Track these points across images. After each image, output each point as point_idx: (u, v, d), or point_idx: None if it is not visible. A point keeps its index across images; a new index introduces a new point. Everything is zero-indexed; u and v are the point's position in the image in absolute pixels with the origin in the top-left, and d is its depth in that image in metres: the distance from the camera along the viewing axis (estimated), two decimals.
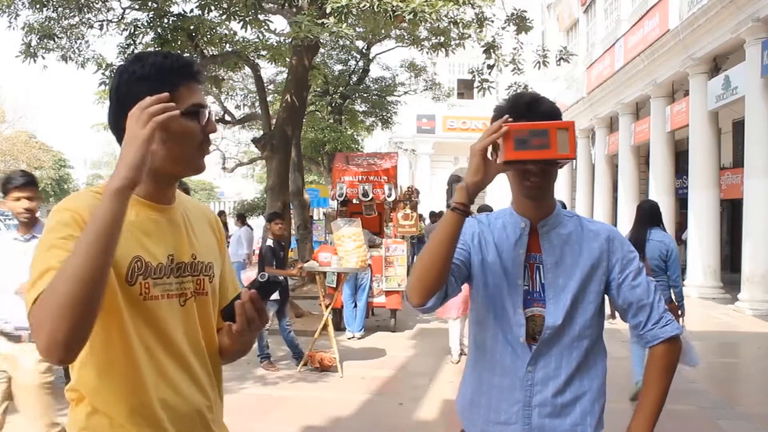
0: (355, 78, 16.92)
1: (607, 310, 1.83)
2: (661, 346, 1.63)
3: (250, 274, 10.70)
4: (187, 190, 5.42)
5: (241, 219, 12.42)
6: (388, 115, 18.48)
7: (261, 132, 11.51)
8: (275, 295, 6.37)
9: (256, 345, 6.27)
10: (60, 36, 9.22)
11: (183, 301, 1.35)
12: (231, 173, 26.34)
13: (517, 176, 1.59)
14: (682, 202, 14.92)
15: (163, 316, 1.31)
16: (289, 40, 8.27)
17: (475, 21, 8.68)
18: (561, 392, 1.58)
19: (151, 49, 9.16)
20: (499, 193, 10.97)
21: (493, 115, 1.65)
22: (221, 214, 12.50)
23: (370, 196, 9.40)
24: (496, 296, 1.60)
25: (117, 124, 1.30)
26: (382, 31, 12.38)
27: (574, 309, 1.59)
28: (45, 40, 8.92)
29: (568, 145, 1.41)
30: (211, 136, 1.37)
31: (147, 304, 1.28)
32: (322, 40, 8.81)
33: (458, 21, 7.98)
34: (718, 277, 11.93)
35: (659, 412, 1.63)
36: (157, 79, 1.27)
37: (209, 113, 1.34)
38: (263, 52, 10.33)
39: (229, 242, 11.81)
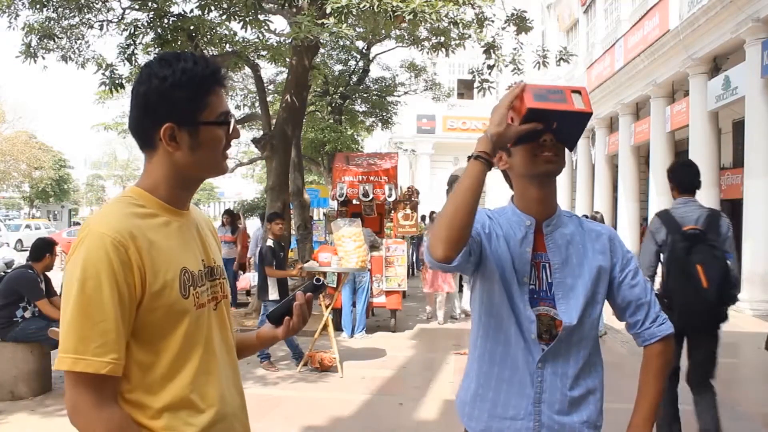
0: (355, 78, 16.91)
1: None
2: (658, 344, 1.68)
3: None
4: None
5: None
6: (388, 115, 18.46)
7: (261, 132, 11.49)
8: (275, 296, 6.38)
9: None
10: (60, 36, 9.21)
11: (215, 305, 1.37)
12: (231, 173, 26.33)
13: (528, 154, 1.57)
14: None
15: (208, 323, 1.33)
16: (289, 40, 8.26)
17: (475, 21, 8.67)
18: (569, 390, 1.60)
19: (151, 49, 9.17)
20: (497, 193, 11.01)
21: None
22: (231, 213, 11.94)
23: (371, 196, 9.40)
24: (510, 291, 1.60)
25: (143, 130, 1.29)
26: (382, 32, 12.37)
27: (586, 309, 1.61)
28: (45, 41, 8.91)
29: (584, 103, 1.49)
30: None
31: (198, 313, 1.30)
32: (322, 41, 8.81)
33: (458, 21, 7.96)
34: None
35: (657, 410, 1.67)
36: (189, 87, 1.25)
37: (234, 120, 1.35)
38: (263, 52, 10.33)
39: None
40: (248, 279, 10.46)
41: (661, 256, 3.70)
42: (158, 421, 1.22)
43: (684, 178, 3.77)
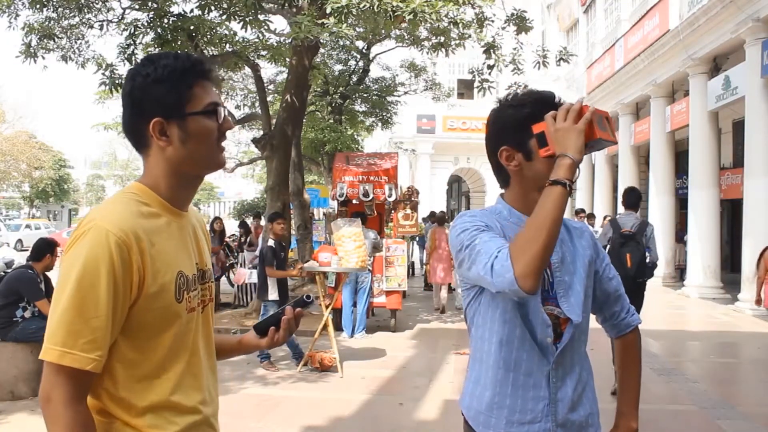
0: (355, 78, 16.91)
1: None
2: (631, 334, 1.78)
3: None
4: None
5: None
6: (388, 115, 18.46)
7: (261, 132, 11.50)
8: (274, 296, 6.38)
9: None
10: (60, 36, 9.22)
11: (202, 308, 1.37)
12: (231, 173, 26.31)
13: (550, 167, 1.56)
14: (682, 202, 14.92)
15: (196, 327, 1.33)
16: (289, 40, 8.27)
17: (475, 21, 8.67)
18: (575, 386, 1.62)
19: (151, 49, 9.16)
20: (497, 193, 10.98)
21: (503, 111, 1.62)
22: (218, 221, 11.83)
23: (371, 196, 9.40)
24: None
25: (134, 128, 1.30)
26: (382, 31, 12.39)
27: (585, 305, 1.64)
28: (45, 40, 8.91)
29: (611, 130, 1.53)
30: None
31: (189, 317, 1.30)
32: (322, 40, 8.81)
33: (458, 21, 7.96)
34: (718, 277, 11.93)
35: (639, 393, 1.80)
36: (171, 80, 1.26)
37: (225, 111, 1.34)
38: (263, 52, 10.34)
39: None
40: (244, 274, 10.51)
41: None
42: (142, 419, 1.22)
43: (629, 199, 5.71)
